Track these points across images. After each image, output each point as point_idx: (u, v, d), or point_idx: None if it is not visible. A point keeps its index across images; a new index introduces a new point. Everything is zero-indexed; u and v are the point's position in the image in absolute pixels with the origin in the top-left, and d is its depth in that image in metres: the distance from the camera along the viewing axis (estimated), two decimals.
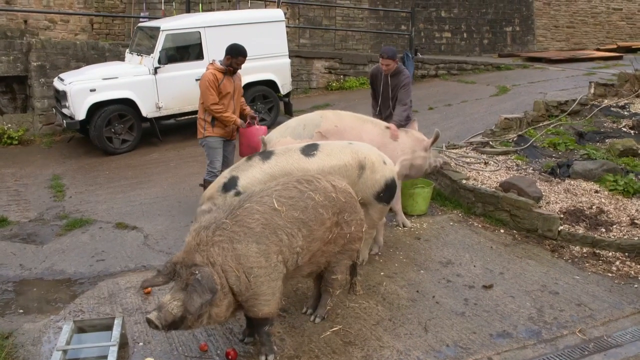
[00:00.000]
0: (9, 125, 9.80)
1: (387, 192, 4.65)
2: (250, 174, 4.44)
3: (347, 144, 4.74)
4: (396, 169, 4.88)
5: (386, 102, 6.19)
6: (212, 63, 5.89)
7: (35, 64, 10.01)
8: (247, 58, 5.89)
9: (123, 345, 3.82)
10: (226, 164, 5.93)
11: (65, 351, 3.60)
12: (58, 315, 4.35)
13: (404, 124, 5.95)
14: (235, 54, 5.75)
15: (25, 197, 7.16)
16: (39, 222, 6.29)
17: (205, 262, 3.37)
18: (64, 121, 8.83)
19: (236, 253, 3.42)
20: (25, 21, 13.53)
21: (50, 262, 5.32)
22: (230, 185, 4.42)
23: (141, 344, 3.93)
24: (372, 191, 4.60)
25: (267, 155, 4.57)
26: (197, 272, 3.30)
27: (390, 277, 4.88)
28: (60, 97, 8.92)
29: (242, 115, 6.09)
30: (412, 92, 6.17)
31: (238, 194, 4.34)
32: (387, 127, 5.66)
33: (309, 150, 4.57)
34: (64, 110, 8.86)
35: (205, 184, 5.86)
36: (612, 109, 9.20)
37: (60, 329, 3.89)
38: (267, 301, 3.56)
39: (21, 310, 4.48)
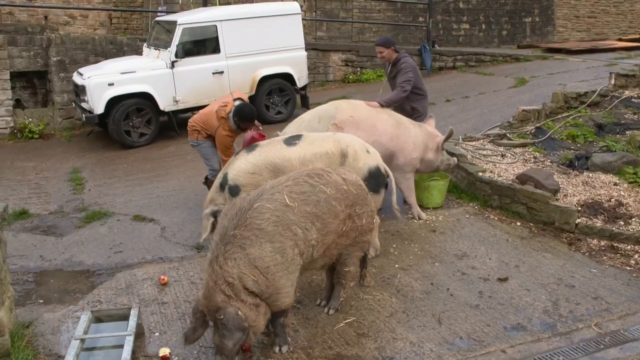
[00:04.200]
0: (30, 119, 9.97)
1: (371, 181, 4.64)
2: (236, 165, 4.71)
3: (330, 134, 4.91)
4: (379, 160, 4.90)
5: (388, 91, 6.26)
6: (223, 119, 5.56)
7: (55, 59, 10.15)
8: (263, 52, 5.83)
9: (139, 335, 3.88)
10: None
11: (82, 340, 3.67)
12: (77, 305, 4.43)
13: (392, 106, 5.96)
14: (242, 119, 5.46)
15: (45, 190, 7.28)
16: (59, 215, 6.40)
17: (227, 298, 3.35)
18: (83, 115, 8.96)
19: (249, 258, 3.42)
20: (46, 17, 13.71)
21: (70, 253, 5.41)
22: (223, 182, 4.72)
23: (157, 334, 3.99)
24: None
25: (252, 147, 4.84)
26: (221, 316, 3.32)
27: (404, 270, 4.88)
28: (79, 91, 9.04)
29: None
30: (430, 84, 6.18)
31: (231, 188, 4.62)
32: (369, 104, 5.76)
33: (292, 140, 4.79)
34: (83, 105, 8.98)
35: (208, 182, 5.92)
36: (633, 100, 9.03)
37: (79, 319, 3.96)
38: (288, 293, 3.59)
39: (41, 300, 4.57)
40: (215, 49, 9.35)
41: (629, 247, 5.22)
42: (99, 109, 8.72)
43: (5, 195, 6.99)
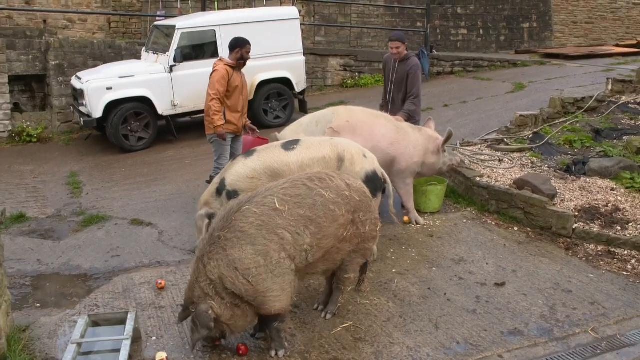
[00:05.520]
0: (28, 123, 9.97)
1: (368, 185, 4.60)
2: (234, 170, 4.72)
3: (328, 139, 4.93)
4: (376, 164, 4.91)
5: (392, 87, 6.38)
6: (220, 59, 6.08)
7: (53, 62, 10.16)
8: (262, 57, 6.02)
9: (136, 339, 3.87)
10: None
11: (79, 344, 3.66)
12: (74, 309, 4.43)
13: (415, 118, 6.06)
14: (243, 44, 5.97)
15: (43, 193, 7.28)
16: (57, 219, 6.40)
17: (204, 295, 3.50)
18: (82, 119, 8.96)
19: (229, 259, 3.48)
20: (45, 21, 13.73)
21: (67, 257, 5.41)
22: (221, 187, 4.72)
23: (154, 338, 3.99)
24: None
25: (250, 152, 4.86)
26: (193, 310, 3.51)
27: (402, 274, 4.88)
28: (77, 95, 9.05)
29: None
30: (428, 89, 6.27)
31: (229, 193, 4.62)
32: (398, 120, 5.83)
33: (289, 145, 4.81)
34: (82, 109, 8.99)
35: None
36: (630, 105, 9.06)
37: (76, 323, 3.95)
38: (277, 297, 3.59)
39: (38, 304, 4.57)
40: (214, 54, 9.34)
41: (625, 252, 5.22)
42: (97, 113, 8.73)
43: (3, 199, 6.99)
